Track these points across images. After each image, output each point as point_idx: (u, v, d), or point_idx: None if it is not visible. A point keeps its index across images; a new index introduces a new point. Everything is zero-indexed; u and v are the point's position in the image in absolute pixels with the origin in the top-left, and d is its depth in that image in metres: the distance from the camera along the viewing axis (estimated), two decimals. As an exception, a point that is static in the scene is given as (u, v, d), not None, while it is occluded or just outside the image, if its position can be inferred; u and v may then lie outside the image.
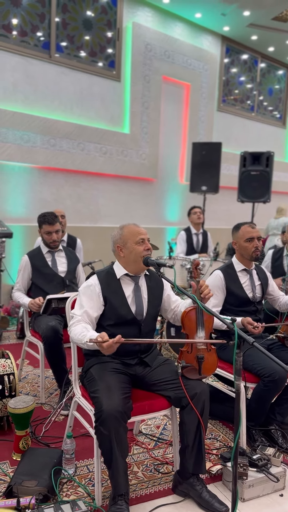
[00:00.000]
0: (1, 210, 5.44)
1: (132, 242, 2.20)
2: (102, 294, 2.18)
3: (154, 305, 2.30)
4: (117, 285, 2.22)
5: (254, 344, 1.65)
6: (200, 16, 7.09)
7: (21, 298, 3.18)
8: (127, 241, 2.21)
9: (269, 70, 8.85)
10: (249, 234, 2.78)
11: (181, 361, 2.09)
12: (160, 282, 2.36)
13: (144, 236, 2.21)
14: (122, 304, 2.19)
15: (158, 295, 2.34)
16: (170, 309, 2.39)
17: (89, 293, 2.18)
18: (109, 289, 2.20)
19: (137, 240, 2.19)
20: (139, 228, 2.25)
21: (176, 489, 2.15)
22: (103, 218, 6.58)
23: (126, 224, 2.28)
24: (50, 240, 3.29)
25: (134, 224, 2.27)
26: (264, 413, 2.55)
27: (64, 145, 5.95)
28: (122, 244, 2.23)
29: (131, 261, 2.21)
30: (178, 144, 7.47)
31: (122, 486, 1.94)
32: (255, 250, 2.77)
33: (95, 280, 2.21)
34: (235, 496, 1.73)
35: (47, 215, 3.29)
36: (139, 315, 2.22)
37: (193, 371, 2.12)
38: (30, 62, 5.63)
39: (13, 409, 2.32)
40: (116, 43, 6.49)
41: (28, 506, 1.85)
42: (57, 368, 2.96)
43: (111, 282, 2.22)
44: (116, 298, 2.19)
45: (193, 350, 2.13)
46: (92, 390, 2.03)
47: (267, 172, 5.82)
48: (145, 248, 2.18)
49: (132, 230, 2.23)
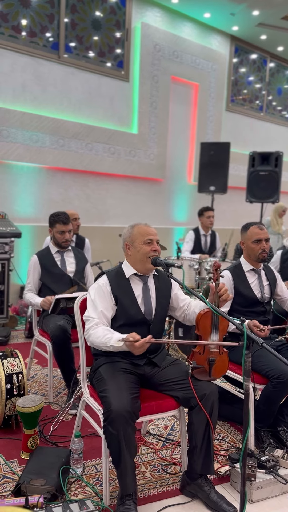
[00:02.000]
0: (10, 210, 5.47)
1: (140, 242, 2.20)
2: (113, 294, 2.19)
3: (162, 305, 2.30)
4: (127, 285, 2.23)
5: (264, 345, 1.64)
6: (209, 16, 7.07)
7: (33, 298, 3.20)
8: (135, 240, 2.22)
9: (278, 70, 8.80)
10: (256, 236, 2.76)
11: (192, 362, 2.08)
12: (168, 282, 2.37)
13: (152, 237, 2.22)
14: (132, 303, 2.20)
15: (166, 295, 2.34)
16: (179, 308, 2.38)
17: (101, 294, 2.18)
18: (119, 288, 2.20)
19: (145, 240, 2.20)
20: (150, 228, 2.25)
21: (184, 490, 2.15)
22: (111, 218, 6.58)
23: (137, 223, 2.29)
24: (62, 239, 3.30)
25: (146, 224, 2.28)
26: (272, 415, 2.54)
27: (72, 145, 5.97)
28: (131, 243, 2.24)
29: (138, 260, 2.22)
30: (186, 144, 7.46)
31: (130, 486, 1.94)
32: (262, 252, 2.76)
33: (105, 280, 2.22)
34: (244, 498, 1.72)
35: (61, 214, 3.31)
36: (148, 315, 2.22)
37: (203, 373, 2.12)
38: (39, 62, 5.66)
39: (22, 408, 2.33)
40: (124, 44, 6.49)
41: (36, 505, 1.86)
42: (65, 367, 2.97)
43: (121, 281, 2.23)
44: (126, 298, 2.20)
45: (205, 352, 2.12)
46: (101, 389, 2.03)
47: (276, 173, 5.78)
48: (152, 249, 2.19)
49: (141, 230, 2.23)
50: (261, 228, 2.78)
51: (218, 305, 2.14)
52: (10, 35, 5.43)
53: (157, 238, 2.24)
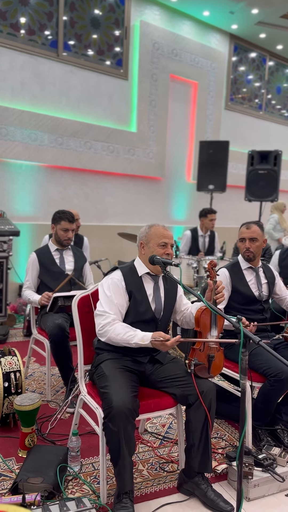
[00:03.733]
0: (8, 209, 5.46)
1: (154, 243, 2.21)
2: (127, 289, 2.19)
3: (169, 306, 2.33)
4: (140, 282, 2.24)
5: (260, 344, 1.64)
6: (208, 14, 7.06)
7: (31, 295, 3.19)
8: (150, 240, 2.23)
9: (278, 68, 8.80)
10: (241, 235, 2.83)
11: (193, 359, 2.09)
12: (175, 284, 2.38)
13: (168, 240, 2.22)
14: (144, 301, 2.21)
15: (173, 296, 2.36)
16: (180, 311, 2.41)
17: (116, 288, 2.18)
18: (133, 285, 2.21)
19: (159, 243, 2.21)
20: (166, 231, 2.25)
21: (181, 488, 2.15)
22: (110, 217, 6.58)
23: (155, 224, 2.30)
24: (65, 237, 3.30)
25: (164, 226, 2.28)
26: (270, 413, 2.54)
27: (71, 143, 5.96)
28: (146, 242, 2.25)
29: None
30: (185, 142, 7.45)
31: (127, 483, 1.94)
32: (245, 251, 2.81)
33: (120, 275, 2.22)
34: (240, 496, 1.72)
35: (67, 212, 3.32)
36: (157, 314, 2.24)
37: (204, 370, 2.13)
38: (38, 60, 5.65)
39: (19, 406, 2.33)
40: (123, 42, 6.48)
41: (33, 503, 1.86)
42: (63, 365, 2.97)
43: (134, 278, 2.24)
44: (139, 295, 2.21)
45: (205, 349, 2.14)
46: (102, 385, 2.03)
47: (275, 171, 5.78)
48: (165, 252, 2.20)
49: (158, 231, 2.24)
50: (248, 227, 2.80)
51: (215, 303, 2.16)
52: (8, 33, 5.42)
53: (172, 242, 2.25)
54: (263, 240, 2.82)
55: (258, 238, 2.79)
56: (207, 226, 5.55)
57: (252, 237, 2.78)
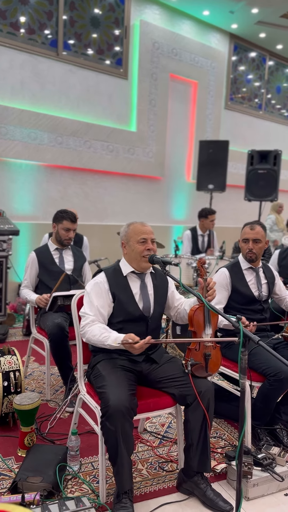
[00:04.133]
0: (8, 208, 5.46)
1: (134, 241, 2.22)
2: (110, 291, 2.20)
3: (160, 302, 2.32)
4: (125, 282, 2.24)
5: (260, 343, 1.64)
6: (208, 14, 7.06)
7: (29, 294, 3.20)
8: (130, 239, 2.25)
9: (278, 68, 8.79)
10: (245, 235, 2.81)
11: (189, 359, 2.09)
12: (165, 280, 2.39)
13: (147, 235, 2.23)
14: (130, 301, 2.21)
15: (163, 292, 2.36)
16: (173, 307, 2.40)
17: (98, 291, 2.19)
18: (117, 286, 2.22)
19: (138, 240, 2.21)
20: (145, 227, 2.26)
21: (181, 487, 2.15)
22: (109, 216, 6.58)
23: (133, 222, 2.31)
24: (66, 236, 3.31)
25: (141, 223, 2.29)
26: (269, 412, 2.55)
27: (71, 143, 5.96)
28: (126, 241, 2.27)
29: (132, 259, 2.25)
30: (185, 142, 7.45)
31: (126, 483, 1.94)
32: (248, 252, 2.80)
33: (103, 278, 2.23)
34: (240, 495, 1.72)
35: (69, 212, 3.33)
36: (146, 312, 2.24)
37: (201, 369, 2.13)
38: (38, 60, 5.64)
39: (19, 406, 2.33)
40: (123, 41, 6.48)
41: (32, 502, 1.86)
42: (63, 365, 2.97)
43: (119, 279, 2.24)
44: (124, 295, 2.21)
45: (201, 348, 2.14)
46: (98, 385, 2.04)
47: (275, 171, 5.78)
48: (145, 248, 2.20)
49: (136, 229, 2.25)
50: (252, 228, 2.79)
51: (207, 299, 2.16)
52: (8, 32, 5.41)
53: (151, 236, 2.25)
54: (265, 241, 2.82)
55: (261, 240, 2.78)
56: (207, 227, 5.55)
57: (256, 238, 2.77)
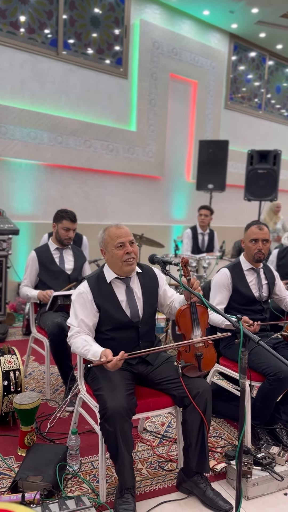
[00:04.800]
0: (8, 207, 5.46)
1: (111, 246, 2.15)
2: (94, 301, 2.15)
3: (150, 302, 2.27)
4: (109, 290, 2.19)
5: (260, 343, 1.65)
6: (208, 14, 7.05)
7: (30, 291, 3.19)
8: (107, 245, 2.17)
9: (277, 67, 8.79)
10: (254, 235, 2.76)
11: (180, 361, 2.08)
12: (154, 278, 2.33)
13: (123, 239, 2.14)
14: (116, 309, 2.16)
15: (153, 291, 2.30)
16: (166, 305, 2.37)
17: (81, 301, 2.15)
18: (101, 295, 2.16)
19: (115, 244, 2.13)
20: (120, 230, 2.16)
21: (180, 487, 2.16)
22: (109, 215, 6.58)
23: (109, 226, 2.21)
24: (66, 236, 3.31)
25: (116, 226, 2.19)
26: (269, 412, 2.55)
27: (71, 142, 5.95)
28: (104, 248, 2.20)
29: (114, 265, 2.18)
30: (185, 142, 7.45)
31: (128, 480, 1.95)
32: (257, 252, 2.75)
33: (86, 287, 2.17)
34: (239, 494, 1.73)
35: (69, 211, 3.33)
36: (134, 318, 2.19)
37: (193, 369, 2.12)
38: (38, 59, 5.64)
39: (19, 405, 2.33)
40: (123, 41, 6.48)
41: (33, 501, 1.87)
42: (63, 364, 2.97)
43: (102, 287, 2.18)
44: (110, 304, 2.16)
45: (191, 349, 2.12)
46: (95, 388, 2.04)
47: (274, 171, 5.78)
48: (125, 252, 2.12)
49: (111, 233, 2.16)
50: (260, 228, 2.76)
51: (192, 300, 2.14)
52: (8, 32, 5.41)
53: (129, 239, 2.16)
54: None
55: (269, 240, 2.79)
56: (200, 223, 5.56)
57: (265, 238, 2.75)
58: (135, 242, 2.23)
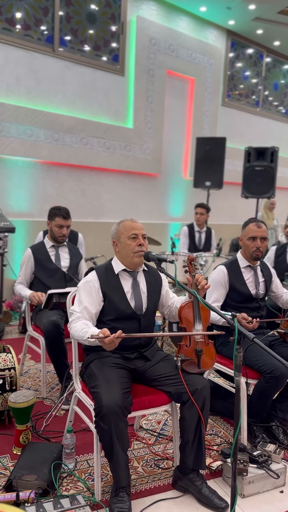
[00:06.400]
0: (4, 205, 5.43)
1: (125, 237, 2.22)
2: (101, 290, 2.19)
3: (153, 300, 2.32)
4: (116, 281, 2.24)
5: (255, 340, 1.64)
6: (205, 10, 7.02)
7: (23, 290, 3.20)
8: (121, 236, 2.24)
9: (275, 64, 8.77)
10: (252, 233, 2.76)
11: (180, 355, 2.09)
12: (158, 278, 2.39)
13: (137, 231, 2.22)
14: (121, 299, 2.20)
15: (157, 290, 2.36)
16: (166, 306, 2.41)
17: (88, 289, 2.19)
18: (108, 284, 2.21)
19: (129, 235, 2.21)
20: (135, 223, 2.26)
21: (176, 485, 2.15)
22: (106, 213, 6.56)
23: (124, 219, 2.31)
24: (60, 233, 3.29)
25: (131, 219, 2.29)
26: (265, 410, 2.55)
27: (67, 139, 5.93)
28: (117, 239, 2.27)
29: (125, 256, 2.24)
30: (182, 139, 7.43)
31: (123, 478, 1.95)
32: (255, 250, 2.75)
33: (94, 276, 2.23)
34: (234, 492, 1.72)
35: (62, 209, 3.32)
36: (138, 310, 2.23)
37: (192, 365, 2.13)
38: (34, 56, 5.61)
39: (14, 404, 2.32)
40: (120, 37, 6.44)
41: (27, 500, 1.86)
42: (58, 362, 2.96)
43: (110, 277, 2.24)
44: (116, 294, 2.20)
45: (192, 344, 2.14)
46: (92, 385, 2.04)
47: (272, 168, 5.77)
48: (137, 244, 2.20)
49: (126, 225, 2.25)
50: (258, 226, 2.76)
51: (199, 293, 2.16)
52: (4, 28, 5.37)
53: (142, 232, 2.25)
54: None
55: (267, 237, 2.78)
56: (197, 221, 5.55)
57: (264, 236, 2.75)
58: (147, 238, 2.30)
